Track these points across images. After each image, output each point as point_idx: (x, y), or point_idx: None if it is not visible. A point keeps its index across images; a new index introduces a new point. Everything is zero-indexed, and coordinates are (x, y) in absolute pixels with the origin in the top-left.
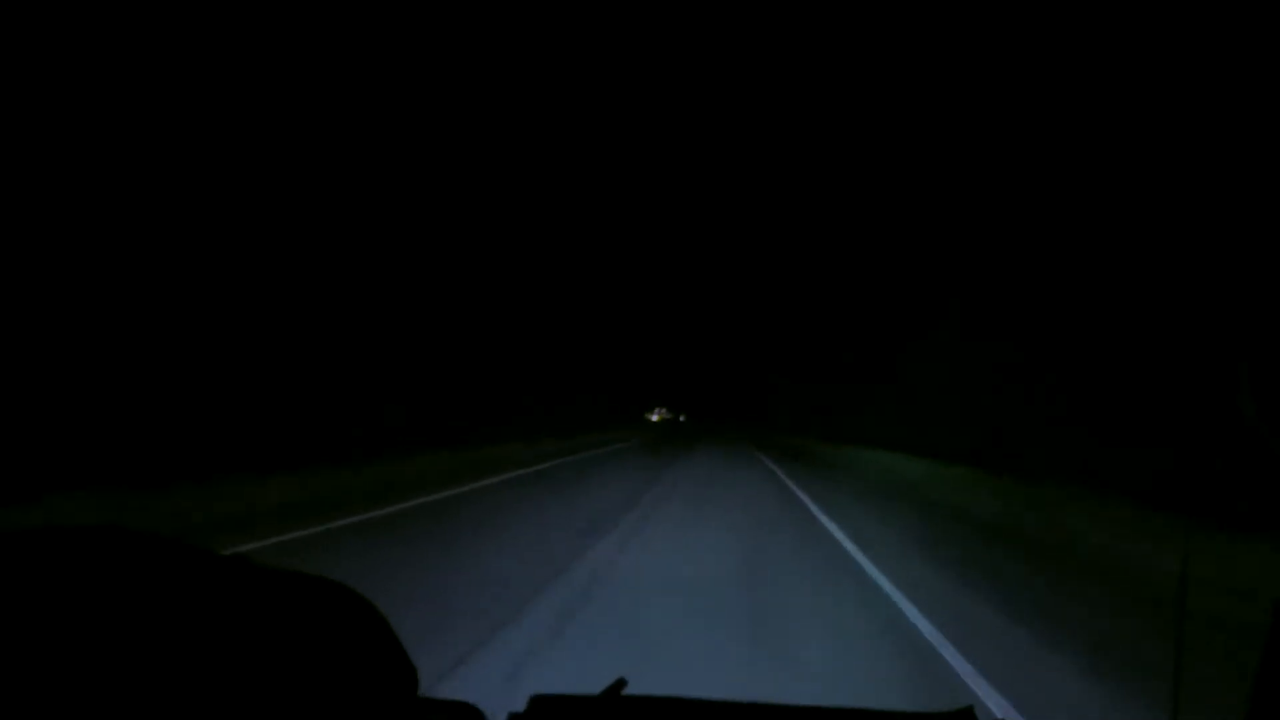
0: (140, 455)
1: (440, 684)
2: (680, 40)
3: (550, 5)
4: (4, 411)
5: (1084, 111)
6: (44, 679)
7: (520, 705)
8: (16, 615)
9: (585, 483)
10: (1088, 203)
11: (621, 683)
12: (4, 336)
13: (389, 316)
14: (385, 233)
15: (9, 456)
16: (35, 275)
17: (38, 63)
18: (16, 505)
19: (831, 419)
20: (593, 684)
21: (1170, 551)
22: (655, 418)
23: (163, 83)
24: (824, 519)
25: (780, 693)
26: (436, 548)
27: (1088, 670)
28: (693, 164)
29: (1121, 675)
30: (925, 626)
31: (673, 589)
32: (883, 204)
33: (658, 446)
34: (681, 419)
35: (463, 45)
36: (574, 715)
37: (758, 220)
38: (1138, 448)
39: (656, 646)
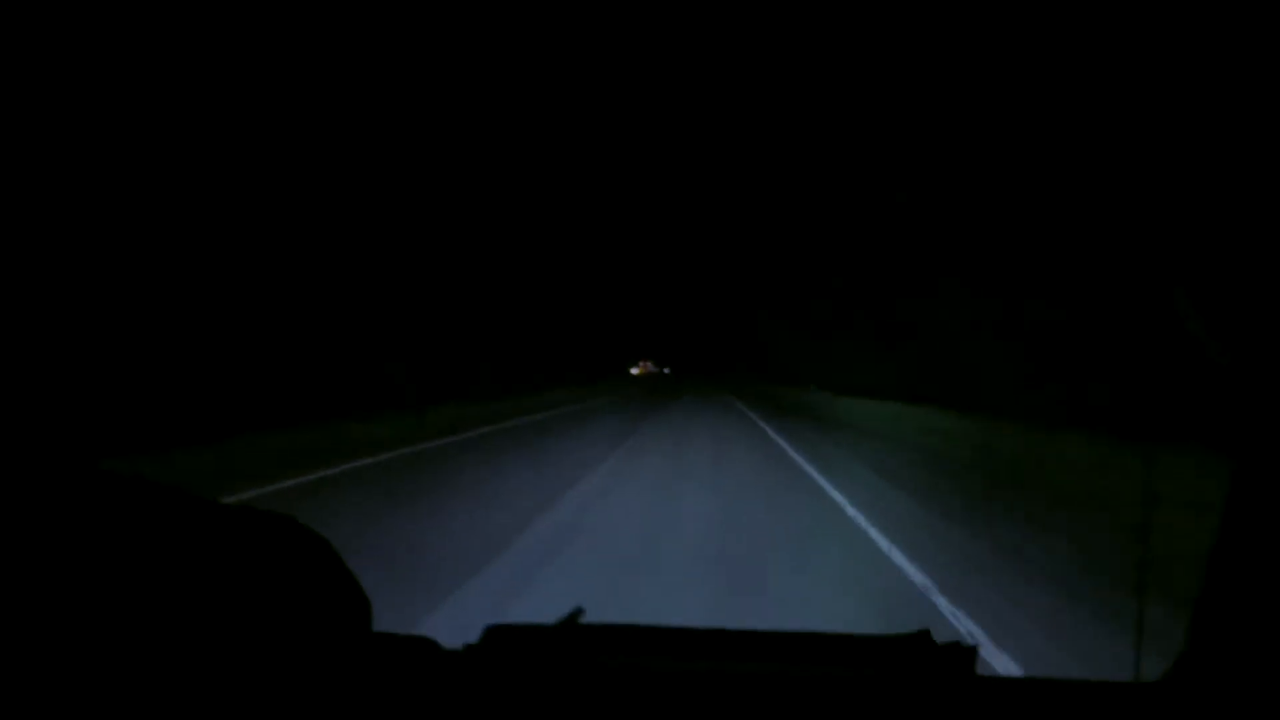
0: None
1: (396, 619)
2: None
3: None
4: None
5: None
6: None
7: (475, 637)
8: None
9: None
10: (1022, 141)
11: (579, 611)
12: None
13: (365, 279)
14: (362, 191)
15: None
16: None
17: (33, 54)
18: None
19: (819, 368)
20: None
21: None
22: (637, 371)
23: (161, 70)
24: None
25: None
26: None
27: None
28: (670, 109)
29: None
30: (839, 497)
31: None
32: (852, 158)
33: (629, 404)
34: (666, 371)
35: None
36: (529, 644)
37: (737, 169)
38: (1091, 381)
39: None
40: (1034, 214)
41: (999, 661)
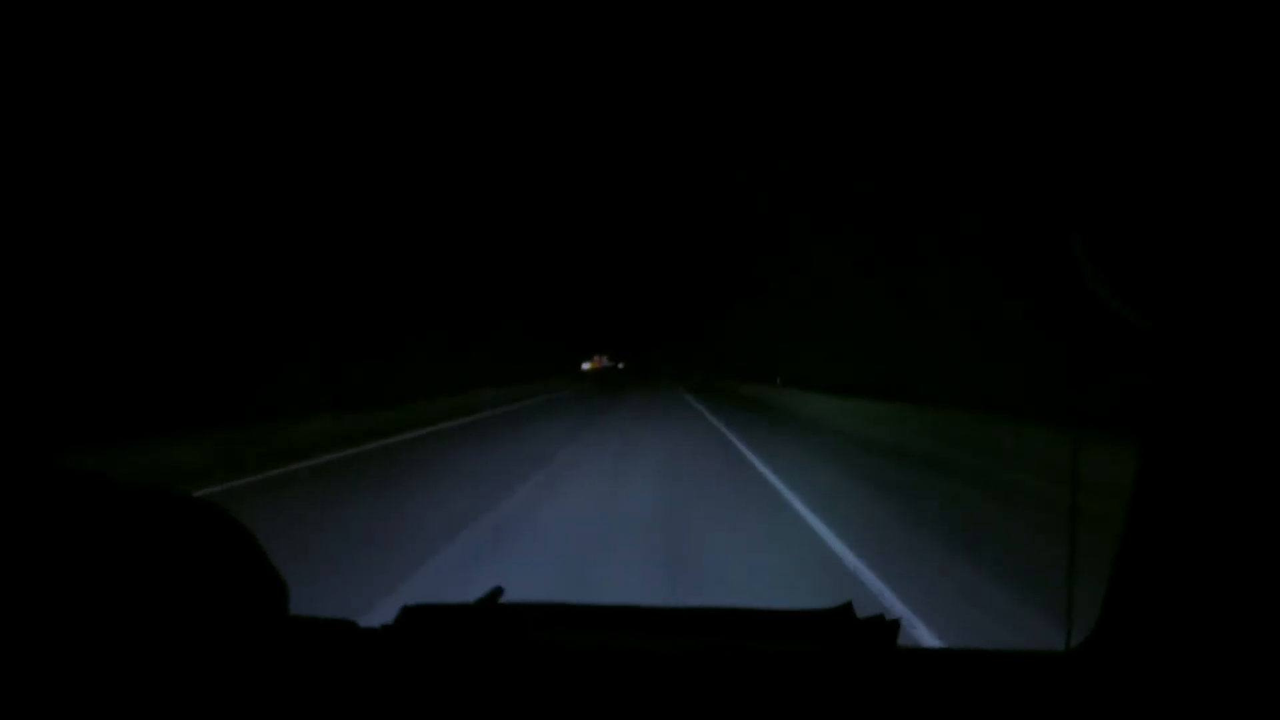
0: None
1: (311, 602)
2: None
3: None
4: None
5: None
6: None
7: (391, 618)
8: None
9: None
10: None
11: (498, 591)
12: None
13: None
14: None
15: None
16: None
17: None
18: None
19: (767, 363)
20: None
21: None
22: (588, 366)
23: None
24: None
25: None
26: None
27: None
28: (620, 97)
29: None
30: (762, 468)
31: None
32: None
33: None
34: (620, 366)
35: None
36: (446, 624)
37: (698, 157)
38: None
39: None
40: (963, 196)
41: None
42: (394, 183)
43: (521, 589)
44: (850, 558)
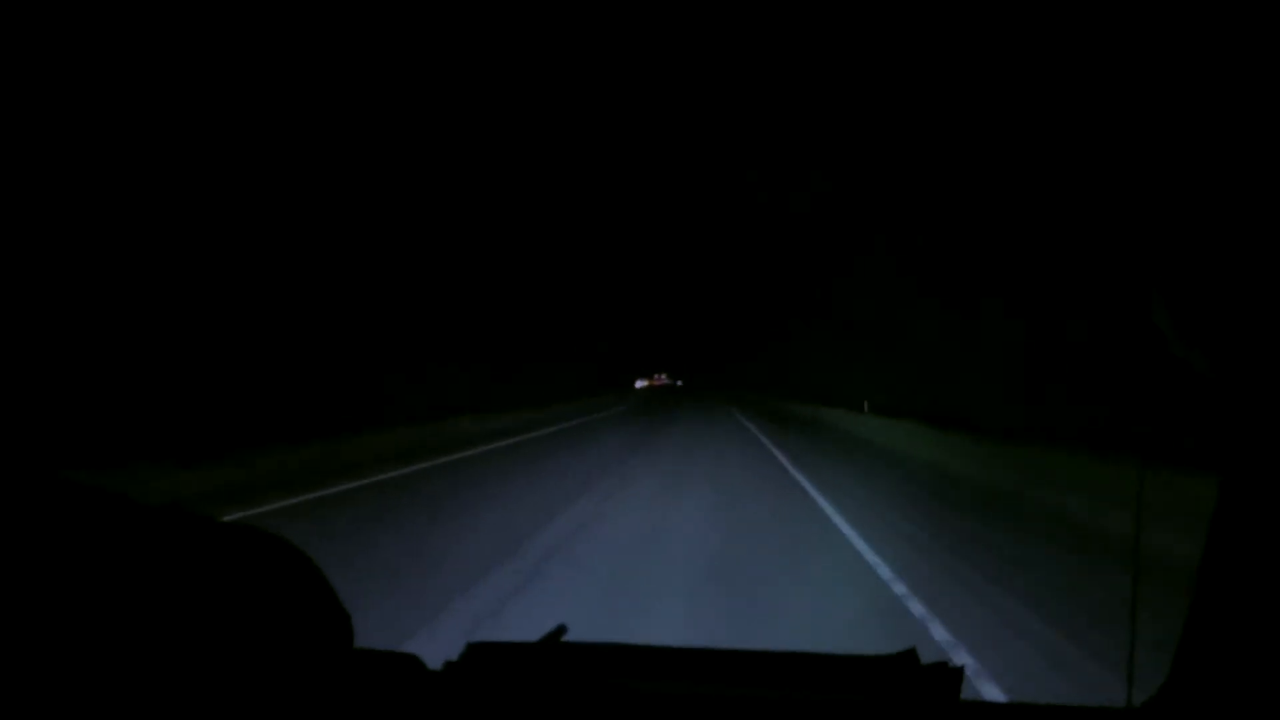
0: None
1: (376, 635)
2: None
3: None
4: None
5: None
6: None
7: (457, 654)
8: None
9: None
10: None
11: (561, 629)
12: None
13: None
14: (349, 197)
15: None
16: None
17: (33, 57)
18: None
19: (826, 383)
20: None
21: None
22: (643, 384)
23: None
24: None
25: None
26: None
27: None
28: (682, 118)
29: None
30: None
31: None
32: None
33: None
34: (679, 384)
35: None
36: (511, 662)
37: (750, 184)
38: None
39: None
40: (1035, 230)
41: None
42: (459, 209)
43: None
44: None
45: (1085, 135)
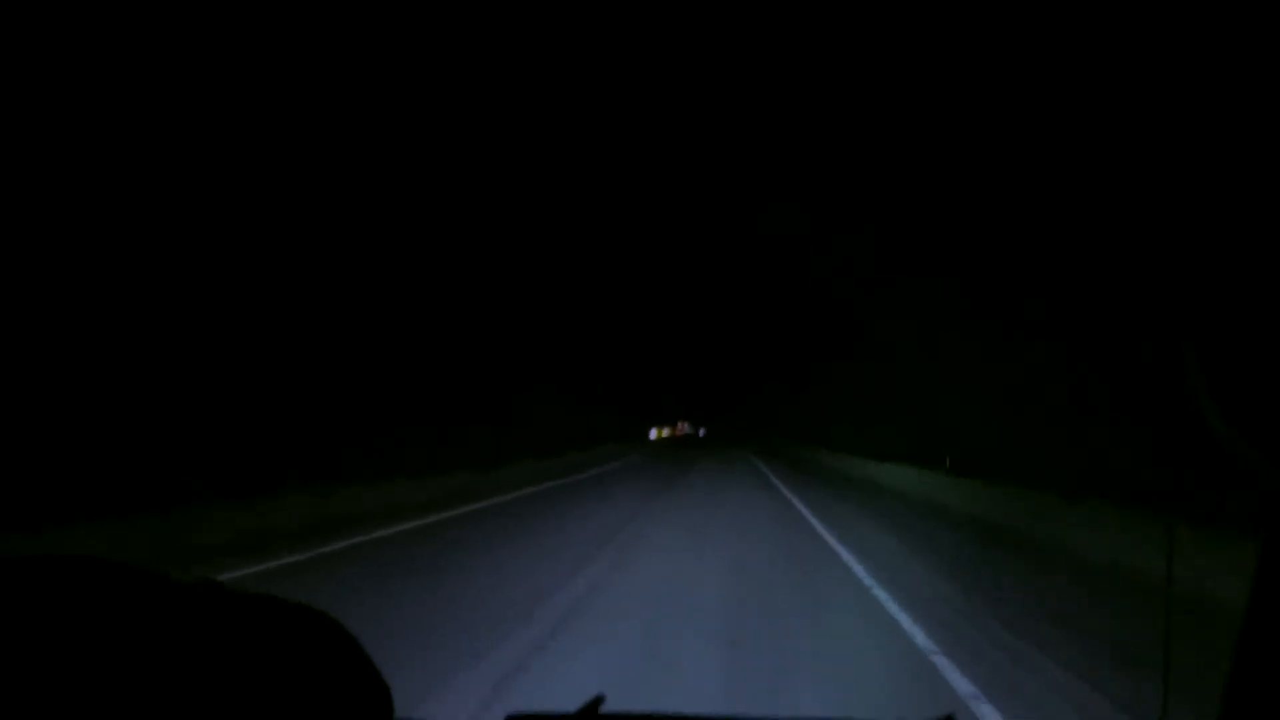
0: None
1: (419, 704)
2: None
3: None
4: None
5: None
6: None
7: None
8: None
9: None
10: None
11: (599, 700)
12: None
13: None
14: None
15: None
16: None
17: (33, 59)
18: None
19: (840, 431)
20: None
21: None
22: (655, 435)
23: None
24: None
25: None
26: None
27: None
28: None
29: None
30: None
31: None
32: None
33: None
34: (701, 433)
35: (454, 33)
36: None
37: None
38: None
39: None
40: (1057, 275)
41: None
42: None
43: None
44: None
45: (1122, 181)
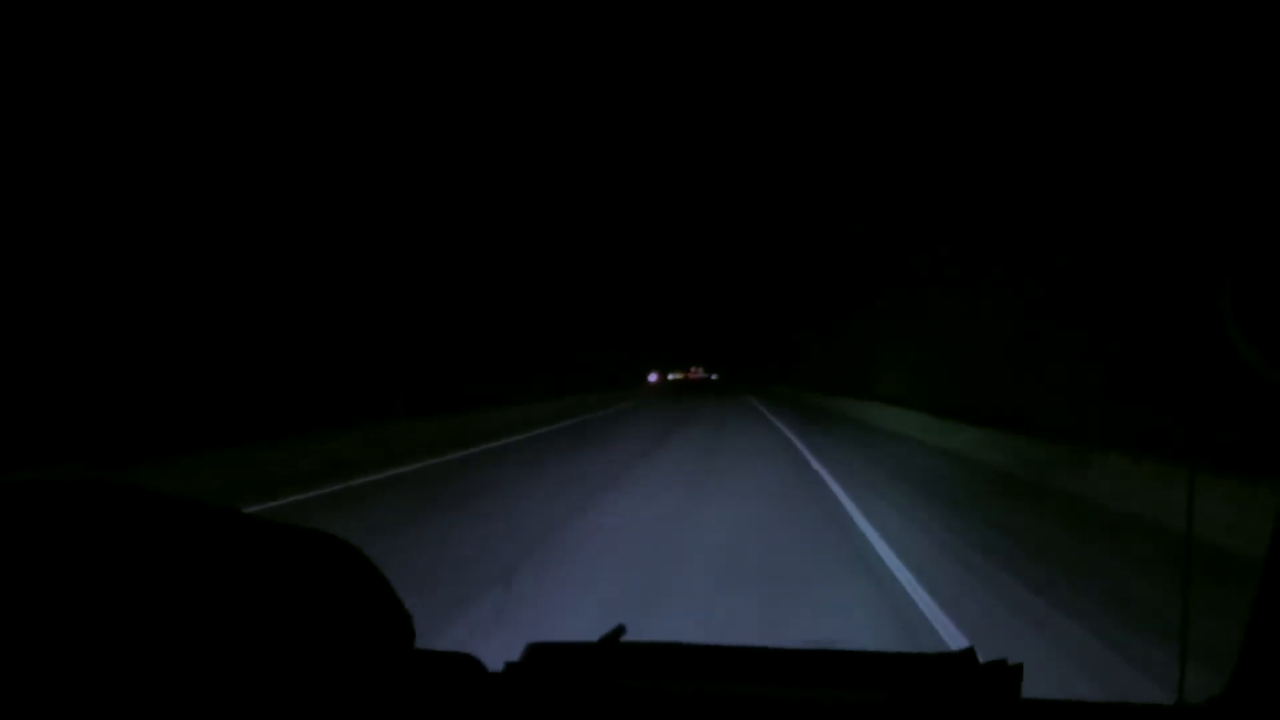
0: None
1: (436, 637)
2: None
3: None
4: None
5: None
6: (31, 633)
7: (517, 655)
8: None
9: None
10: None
11: (620, 629)
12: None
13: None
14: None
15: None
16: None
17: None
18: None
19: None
20: None
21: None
22: (657, 378)
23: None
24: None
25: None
26: None
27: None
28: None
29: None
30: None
31: None
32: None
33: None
34: (714, 377)
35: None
36: (571, 662)
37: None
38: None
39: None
40: (1085, 227)
41: None
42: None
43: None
44: None
45: (1153, 134)
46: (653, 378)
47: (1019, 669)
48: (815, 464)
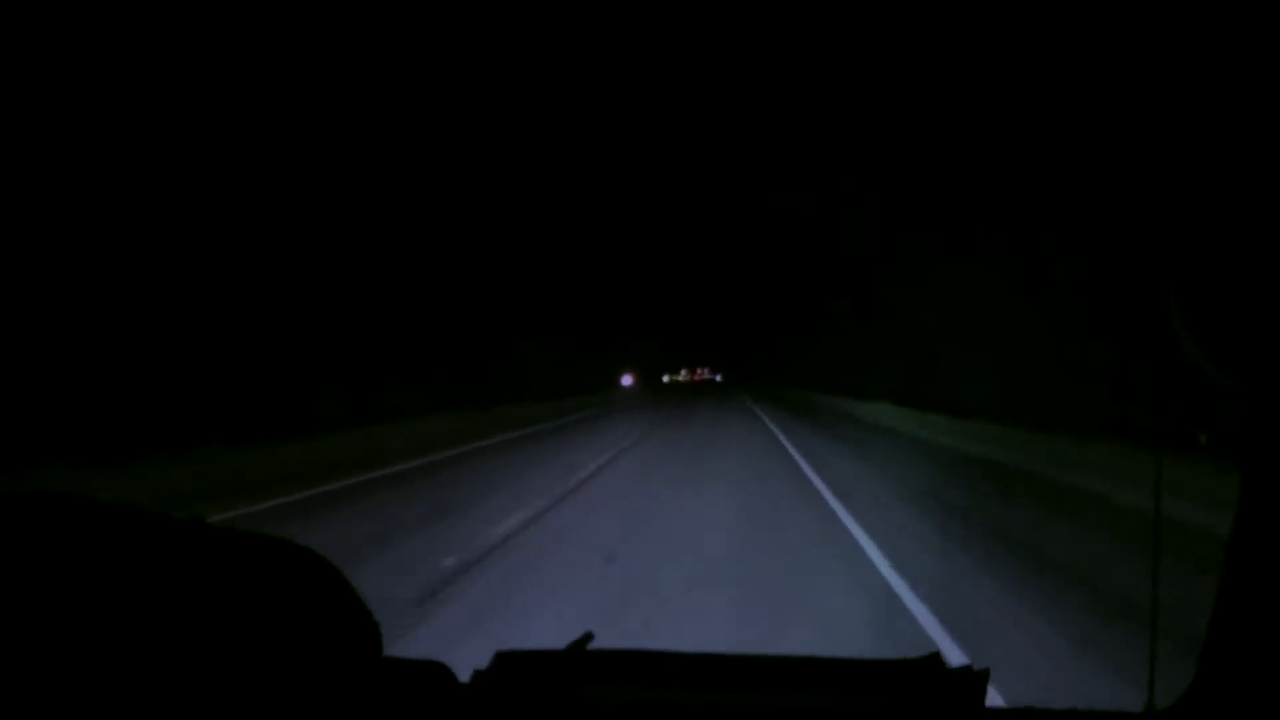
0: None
1: (402, 644)
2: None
3: None
4: None
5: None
6: None
7: (485, 662)
8: None
9: None
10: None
11: (588, 636)
12: None
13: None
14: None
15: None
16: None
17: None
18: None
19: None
20: None
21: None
22: (669, 379)
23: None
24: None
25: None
26: None
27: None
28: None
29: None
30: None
31: None
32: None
33: None
34: (719, 378)
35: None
36: (539, 670)
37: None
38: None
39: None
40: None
41: None
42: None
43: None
44: None
45: (1109, 135)
46: (626, 380)
47: (985, 674)
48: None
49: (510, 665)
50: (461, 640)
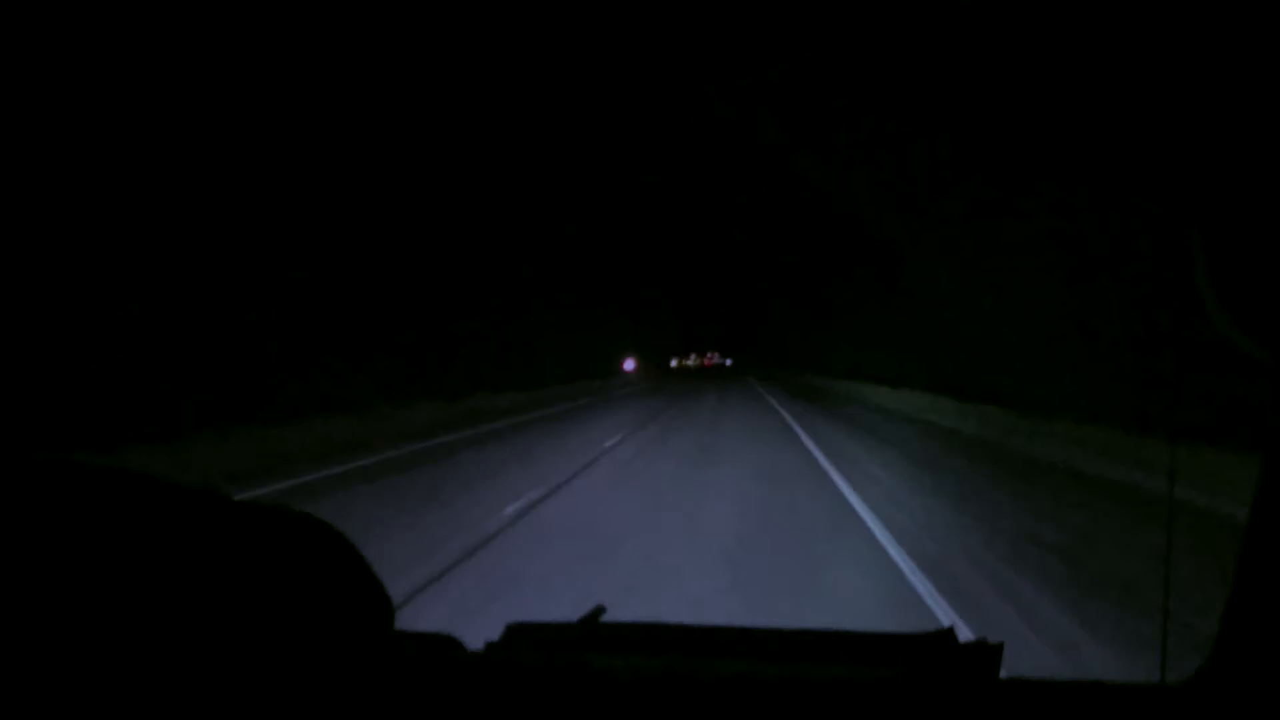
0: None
1: (414, 619)
2: None
3: None
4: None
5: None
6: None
7: (497, 634)
8: None
9: None
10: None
11: (600, 609)
12: None
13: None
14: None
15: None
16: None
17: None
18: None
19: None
20: None
21: None
22: (678, 363)
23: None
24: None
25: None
26: None
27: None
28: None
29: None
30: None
31: None
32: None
33: None
34: (728, 363)
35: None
36: (551, 642)
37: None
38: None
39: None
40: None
41: None
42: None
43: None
44: None
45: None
46: (629, 365)
47: (999, 648)
48: None
49: (522, 637)
50: None
